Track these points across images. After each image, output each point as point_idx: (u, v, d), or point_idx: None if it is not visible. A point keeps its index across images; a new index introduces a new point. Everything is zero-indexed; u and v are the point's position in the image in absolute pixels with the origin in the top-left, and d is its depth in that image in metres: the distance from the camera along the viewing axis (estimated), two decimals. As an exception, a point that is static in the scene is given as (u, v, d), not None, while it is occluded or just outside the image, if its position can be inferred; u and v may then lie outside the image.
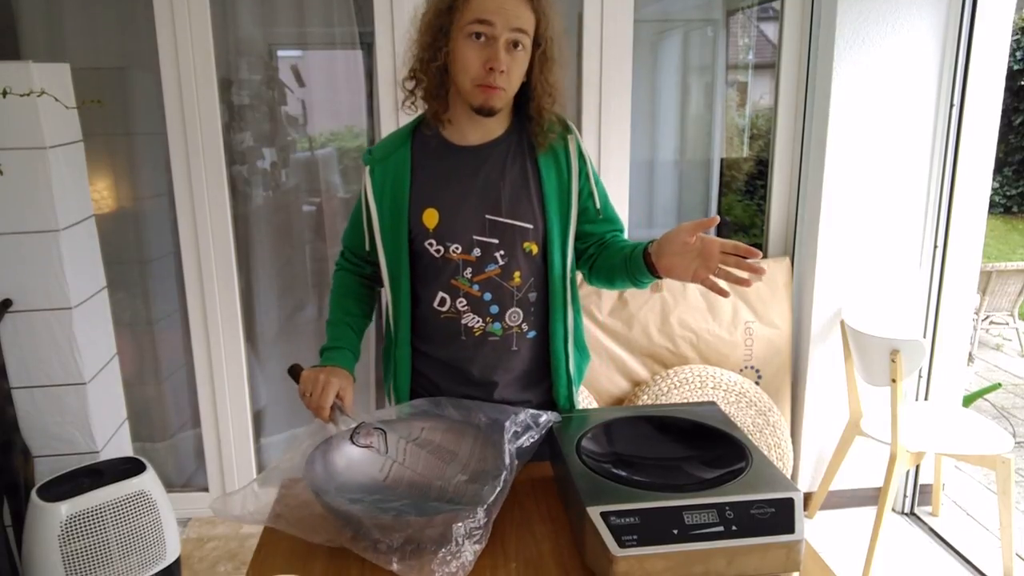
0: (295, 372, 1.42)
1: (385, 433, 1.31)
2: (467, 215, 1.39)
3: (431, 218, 1.40)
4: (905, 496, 2.88)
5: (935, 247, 2.69)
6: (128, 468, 2.08)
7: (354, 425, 1.31)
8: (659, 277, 1.34)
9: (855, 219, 2.66)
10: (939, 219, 2.67)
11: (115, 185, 2.74)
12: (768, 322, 2.77)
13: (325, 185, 2.87)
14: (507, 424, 1.29)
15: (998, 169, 8.97)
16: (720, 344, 2.75)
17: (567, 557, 1.14)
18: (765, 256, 2.91)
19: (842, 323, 2.70)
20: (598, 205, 1.47)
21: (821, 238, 2.66)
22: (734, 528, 1.07)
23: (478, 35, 1.29)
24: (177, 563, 2.14)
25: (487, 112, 1.35)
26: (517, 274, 1.42)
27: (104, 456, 2.19)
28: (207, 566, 2.54)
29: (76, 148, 2.16)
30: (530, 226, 1.41)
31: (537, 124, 1.41)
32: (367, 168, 1.44)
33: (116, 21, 2.60)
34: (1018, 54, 9.27)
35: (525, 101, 1.41)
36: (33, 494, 1.95)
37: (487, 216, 1.40)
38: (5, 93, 1.85)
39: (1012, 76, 9.16)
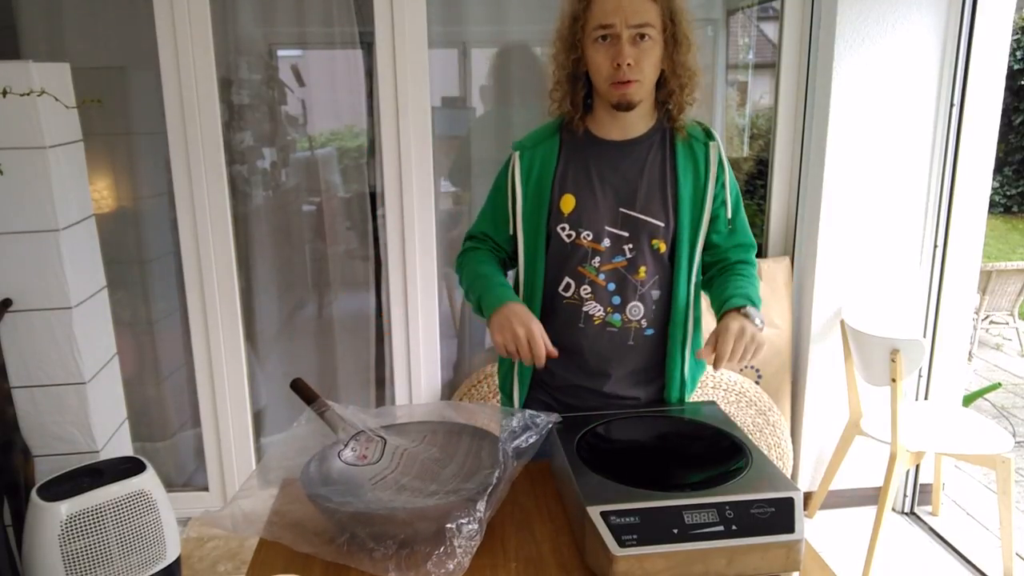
0: (297, 387, 1.41)
1: (385, 441, 1.31)
2: (602, 205, 1.45)
3: (567, 203, 1.46)
4: (905, 496, 2.88)
5: (935, 247, 2.69)
6: (128, 468, 2.08)
7: (354, 432, 1.31)
8: None
9: (855, 219, 2.66)
10: (939, 219, 2.67)
11: (115, 185, 2.74)
12: (768, 322, 2.77)
13: (325, 185, 2.87)
14: (503, 423, 1.29)
15: (998, 169, 8.97)
16: (720, 344, 2.75)
17: (567, 557, 1.14)
18: (765, 256, 2.91)
19: (842, 323, 2.70)
20: (729, 214, 1.50)
21: (821, 238, 2.66)
22: (734, 528, 1.07)
23: (604, 37, 1.37)
24: (177, 563, 2.14)
25: (625, 107, 1.41)
26: (643, 269, 1.46)
27: (104, 456, 2.19)
28: (207, 566, 2.54)
29: (76, 148, 2.16)
30: (661, 224, 1.44)
31: (671, 108, 1.45)
32: (516, 154, 1.50)
33: (116, 21, 2.60)
34: (1018, 54, 9.27)
35: (661, 88, 1.46)
36: (33, 494, 1.95)
37: (621, 209, 1.45)
38: (5, 93, 1.84)
39: (1012, 76, 9.16)
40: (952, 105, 2.57)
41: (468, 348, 2.97)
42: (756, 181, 3.10)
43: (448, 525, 1.08)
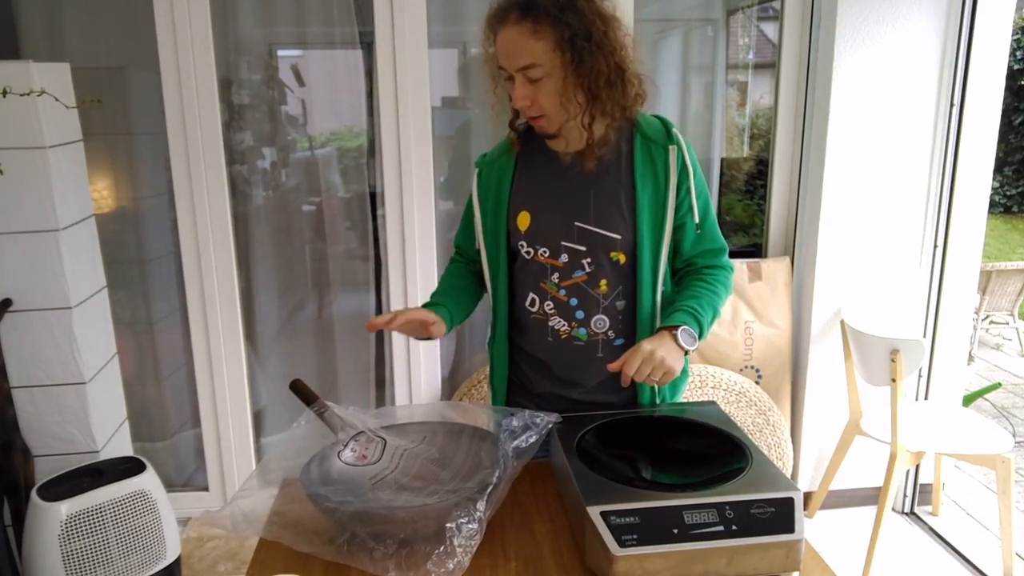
0: (297, 388, 1.41)
1: (385, 441, 1.30)
2: (556, 220, 1.43)
3: (523, 221, 1.45)
4: (905, 496, 2.88)
5: (935, 247, 2.69)
6: (128, 468, 2.08)
7: (353, 433, 1.31)
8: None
9: (855, 219, 2.66)
10: (939, 219, 2.67)
11: (115, 185, 2.74)
12: (768, 322, 2.77)
13: (325, 185, 2.87)
14: (503, 423, 1.29)
15: (998, 169, 8.97)
16: (720, 344, 2.75)
17: (567, 557, 1.14)
18: (765, 256, 2.91)
19: (842, 323, 2.70)
20: (697, 219, 1.45)
21: (821, 238, 2.66)
22: (734, 528, 1.07)
23: (506, 77, 1.36)
24: (177, 563, 2.14)
25: (550, 137, 1.41)
26: (604, 282, 1.44)
27: (104, 456, 2.19)
28: (207, 566, 2.54)
29: (76, 148, 2.16)
30: (618, 236, 1.41)
31: (607, 120, 1.39)
32: (476, 171, 1.51)
33: (116, 21, 2.60)
34: (1018, 54, 9.27)
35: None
36: (33, 494, 1.95)
37: (576, 223, 1.42)
38: (5, 93, 1.85)
39: (1012, 76, 9.16)
40: (952, 105, 2.57)
41: (468, 348, 2.97)
42: (756, 181, 3.10)
43: (448, 524, 1.08)
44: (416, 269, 2.71)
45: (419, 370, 2.81)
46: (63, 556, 1.90)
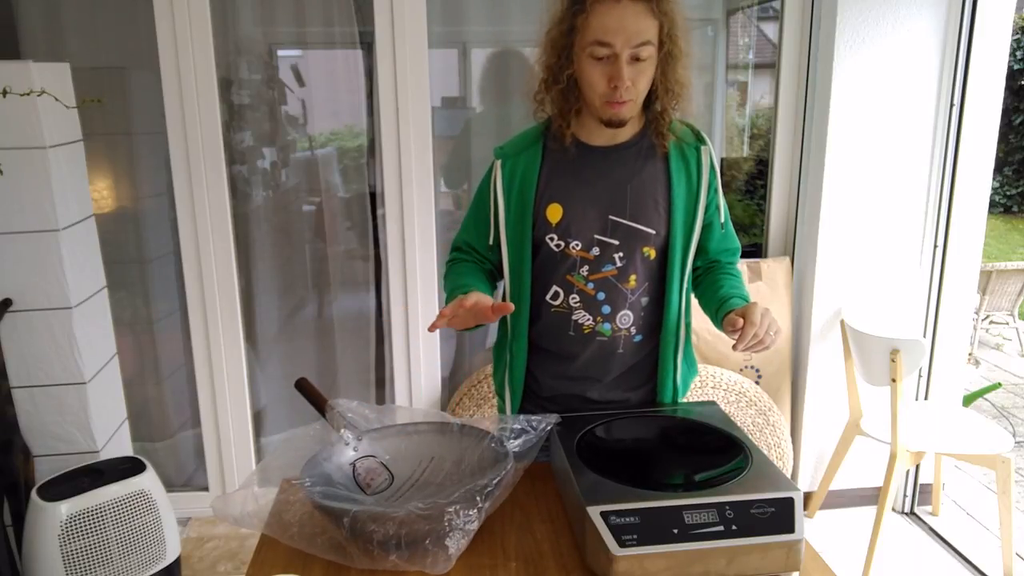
0: (301, 386, 1.41)
1: (392, 478, 1.29)
2: (591, 214, 1.41)
3: (555, 213, 1.42)
4: (905, 496, 2.88)
5: (935, 247, 2.69)
6: (128, 468, 2.08)
7: (353, 435, 1.30)
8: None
9: (855, 219, 2.66)
10: (939, 219, 2.67)
11: (115, 185, 2.74)
12: (768, 322, 2.77)
13: (325, 185, 2.87)
14: (502, 426, 1.29)
15: (998, 169, 8.98)
16: (720, 344, 2.75)
17: (567, 557, 1.14)
18: (765, 256, 2.91)
19: (842, 323, 2.70)
20: (722, 219, 1.48)
21: (821, 238, 2.66)
22: (734, 528, 1.07)
23: (601, 54, 1.31)
24: (177, 563, 2.14)
25: (616, 125, 1.38)
26: (633, 277, 1.44)
27: (104, 456, 2.19)
28: (207, 566, 2.54)
29: (76, 148, 2.16)
30: (652, 231, 1.42)
31: (659, 124, 1.42)
32: (498, 162, 1.45)
33: (116, 21, 2.60)
34: (1018, 54, 9.27)
35: (651, 101, 1.42)
36: (33, 494, 1.95)
37: (610, 217, 1.41)
38: (5, 93, 1.84)
39: (1012, 76, 9.16)
40: (952, 105, 2.57)
41: (468, 348, 2.97)
42: (756, 181, 3.10)
43: (447, 526, 1.08)
44: (416, 269, 2.71)
45: (419, 370, 2.81)
46: (63, 556, 1.90)
